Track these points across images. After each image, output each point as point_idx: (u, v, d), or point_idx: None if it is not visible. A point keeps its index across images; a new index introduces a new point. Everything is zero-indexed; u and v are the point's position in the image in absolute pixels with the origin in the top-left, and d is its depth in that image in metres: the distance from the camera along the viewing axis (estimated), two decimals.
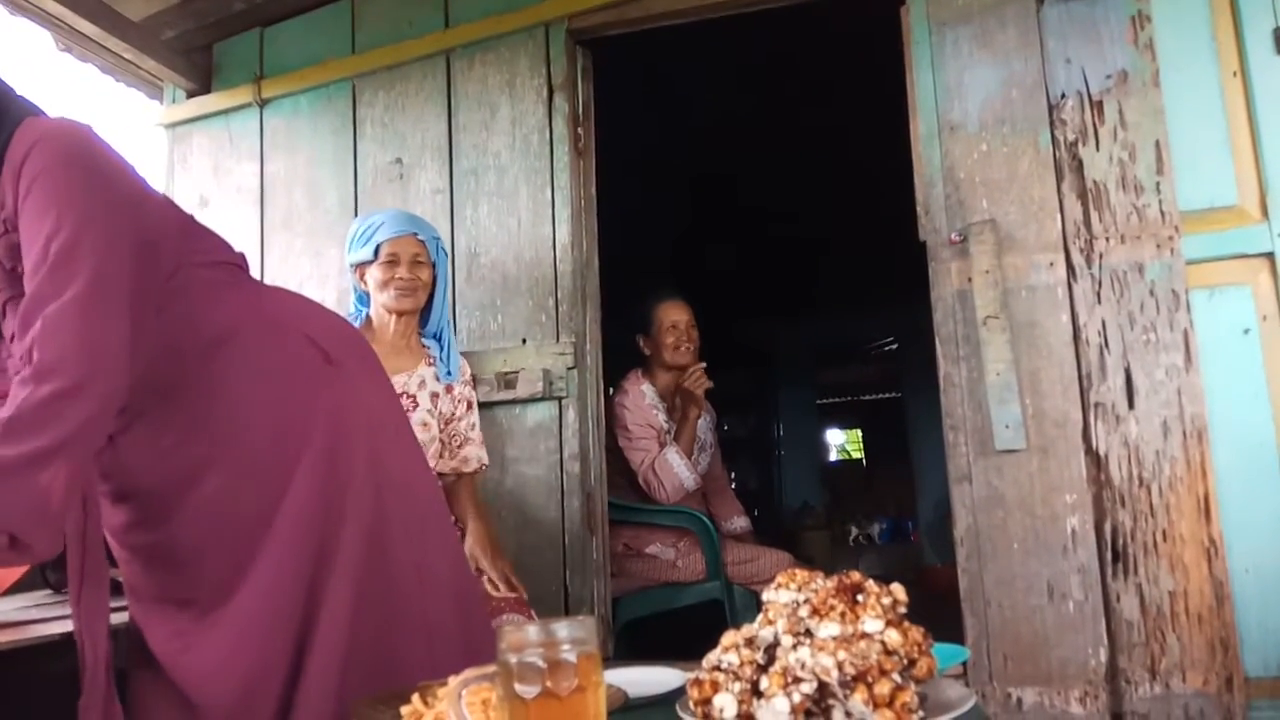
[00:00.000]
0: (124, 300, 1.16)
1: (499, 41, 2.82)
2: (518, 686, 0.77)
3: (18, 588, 1.73)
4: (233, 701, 1.25)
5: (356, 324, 2.29)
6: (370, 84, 2.98)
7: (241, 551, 1.28)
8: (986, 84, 2.35)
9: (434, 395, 2.31)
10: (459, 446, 2.34)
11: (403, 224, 2.30)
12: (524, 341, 2.66)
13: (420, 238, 2.31)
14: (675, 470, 2.98)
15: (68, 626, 1.37)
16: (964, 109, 2.36)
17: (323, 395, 1.35)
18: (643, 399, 3.04)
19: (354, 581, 1.28)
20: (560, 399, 2.62)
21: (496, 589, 2.17)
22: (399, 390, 2.24)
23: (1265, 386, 2.12)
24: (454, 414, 2.34)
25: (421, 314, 2.37)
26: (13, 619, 1.51)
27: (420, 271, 2.29)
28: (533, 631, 0.79)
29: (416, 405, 2.28)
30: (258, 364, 1.32)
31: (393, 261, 2.25)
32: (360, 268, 2.31)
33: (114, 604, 1.36)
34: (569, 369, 2.62)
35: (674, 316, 3.11)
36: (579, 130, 2.75)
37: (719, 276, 6.52)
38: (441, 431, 2.32)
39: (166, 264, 1.28)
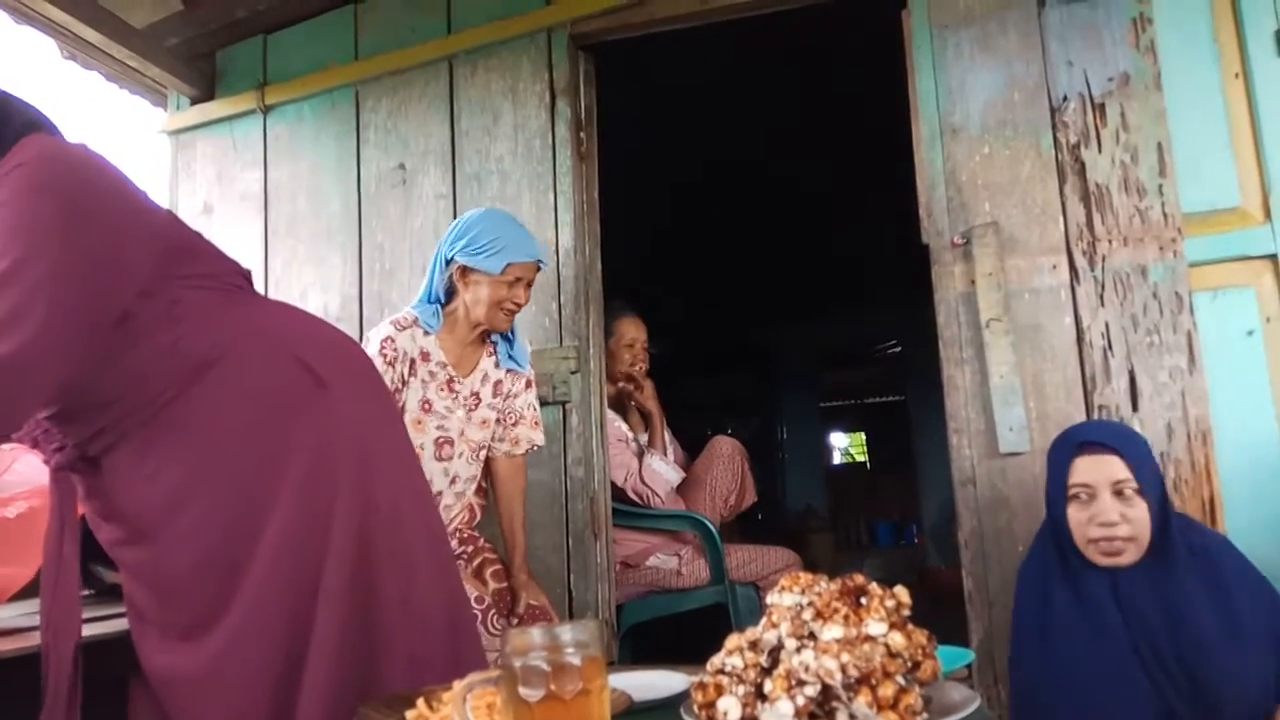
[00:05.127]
0: (48, 339, 1.13)
1: (501, 47, 2.83)
2: (522, 690, 0.77)
3: (23, 594, 1.74)
4: None
5: (435, 319, 2.22)
6: (373, 90, 2.99)
7: (224, 580, 1.27)
8: (988, 87, 2.35)
9: (496, 383, 2.32)
10: (513, 425, 2.33)
11: (532, 249, 2.21)
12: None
13: (541, 266, 2.26)
14: (663, 475, 3.07)
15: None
16: (966, 112, 2.36)
17: (306, 423, 1.31)
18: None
19: (339, 613, 1.26)
20: (564, 403, 2.63)
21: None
22: (469, 393, 2.25)
23: (1269, 388, 2.11)
24: (512, 389, 2.34)
25: None
26: (18, 625, 1.51)
27: (528, 295, 2.26)
28: (537, 635, 0.79)
29: (479, 402, 2.28)
30: (242, 391, 1.29)
31: (513, 283, 2.19)
32: (466, 270, 2.19)
33: (123, 610, 1.36)
34: (572, 373, 2.62)
35: (632, 334, 3.13)
36: (581, 135, 2.76)
37: (721, 279, 6.53)
38: (499, 410, 2.32)
39: (133, 290, 1.24)
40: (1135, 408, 2.15)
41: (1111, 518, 1.64)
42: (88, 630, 1.39)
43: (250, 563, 1.26)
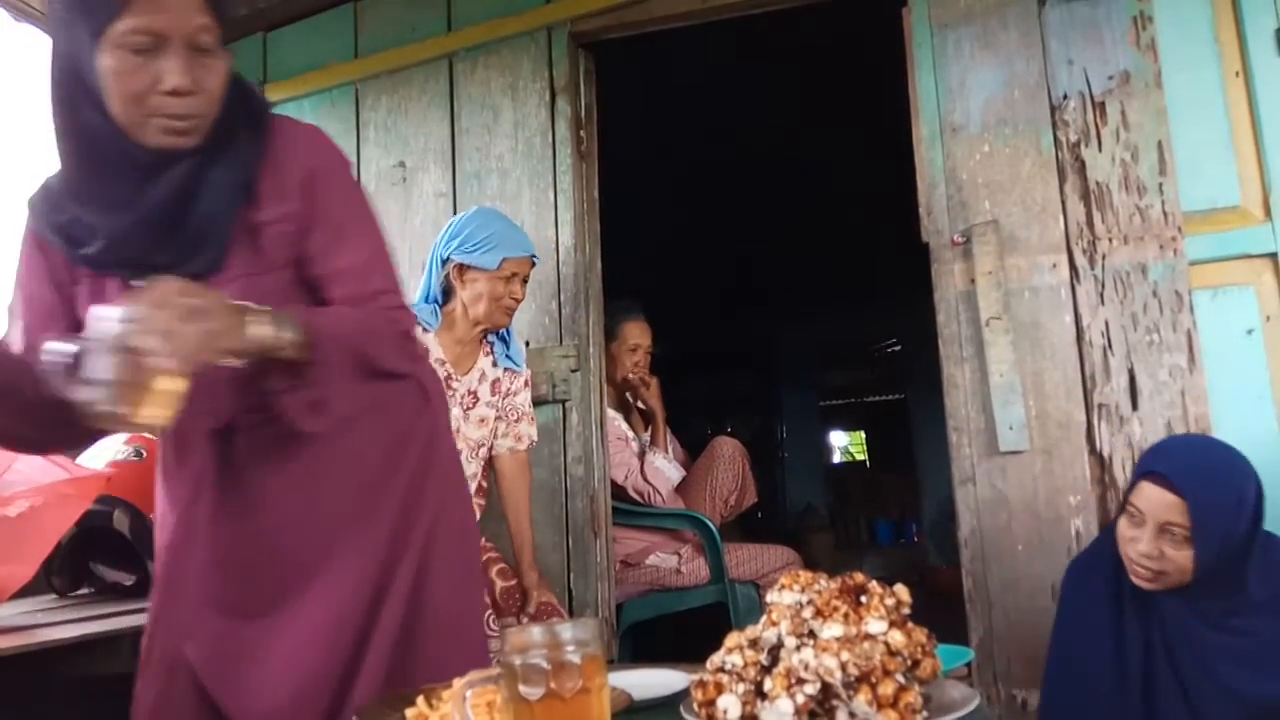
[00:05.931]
0: None
1: (501, 45, 2.83)
2: (522, 688, 0.77)
3: (24, 593, 1.74)
4: (278, 716, 1.25)
5: (434, 318, 2.26)
6: (373, 88, 2.99)
7: (308, 566, 1.30)
8: (988, 85, 2.35)
9: (494, 382, 2.34)
10: (515, 421, 2.37)
11: (525, 243, 2.27)
12: (527, 344, 2.66)
13: (535, 261, 2.31)
14: (665, 472, 3.08)
15: (73, 631, 1.38)
16: (966, 110, 2.36)
17: (415, 436, 1.39)
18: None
19: (400, 612, 1.30)
20: (564, 402, 2.63)
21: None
22: (465, 391, 2.29)
23: (1269, 387, 2.11)
24: (511, 388, 2.37)
25: None
26: (18, 623, 1.51)
27: (524, 290, 2.30)
28: (537, 633, 0.79)
29: (477, 401, 2.30)
30: (374, 399, 1.34)
31: (510, 279, 2.23)
32: (463, 267, 2.23)
33: (123, 608, 1.37)
34: (572, 371, 2.62)
35: (638, 337, 3.15)
36: (581, 133, 2.75)
37: (721, 279, 6.53)
38: (499, 408, 2.35)
39: None
40: (1135, 406, 2.15)
41: (1149, 550, 1.56)
42: (88, 629, 1.39)
43: (336, 554, 1.30)
